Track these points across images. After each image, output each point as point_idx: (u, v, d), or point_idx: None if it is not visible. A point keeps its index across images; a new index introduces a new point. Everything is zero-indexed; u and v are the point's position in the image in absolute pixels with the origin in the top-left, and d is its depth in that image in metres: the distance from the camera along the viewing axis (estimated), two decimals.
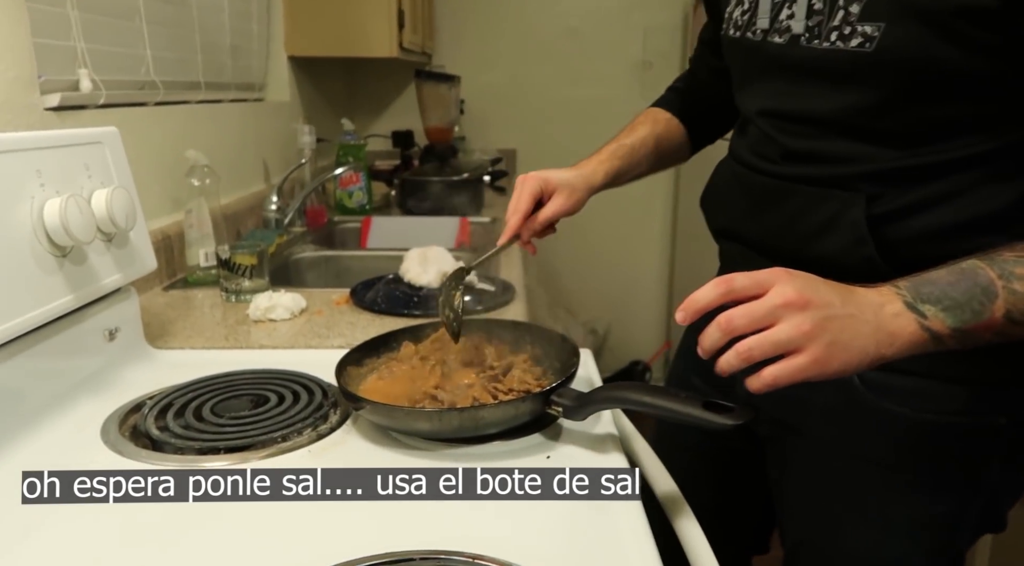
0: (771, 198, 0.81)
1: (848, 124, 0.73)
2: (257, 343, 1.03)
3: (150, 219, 1.34)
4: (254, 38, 2.00)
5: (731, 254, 0.91)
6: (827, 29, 0.71)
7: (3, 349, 0.71)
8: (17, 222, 0.72)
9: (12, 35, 0.98)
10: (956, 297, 0.62)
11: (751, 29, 0.81)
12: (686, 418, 0.63)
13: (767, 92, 0.81)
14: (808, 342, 0.58)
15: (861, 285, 0.63)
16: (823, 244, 0.75)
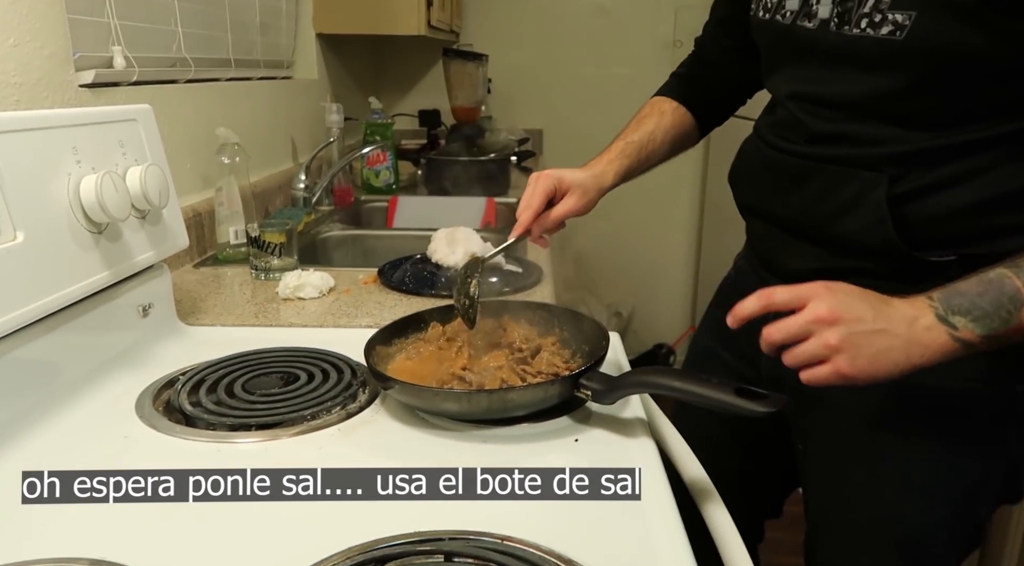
0: (796, 178, 0.83)
1: (875, 108, 0.75)
2: (286, 321, 1.04)
3: (181, 196, 1.35)
4: (283, 15, 2.00)
5: (757, 230, 0.93)
6: (857, 15, 0.73)
7: (41, 323, 0.72)
8: (55, 198, 0.73)
9: (48, 12, 0.99)
10: (985, 307, 0.66)
11: (780, 12, 0.81)
12: (718, 404, 0.63)
13: (797, 76, 0.83)
14: (834, 355, 0.65)
15: (899, 296, 0.68)
16: (845, 223, 0.78)
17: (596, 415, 0.76)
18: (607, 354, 0.79)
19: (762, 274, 0.93)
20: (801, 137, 0.82)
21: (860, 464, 0.85)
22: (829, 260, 0.82)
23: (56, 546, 0.55)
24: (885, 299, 0.68)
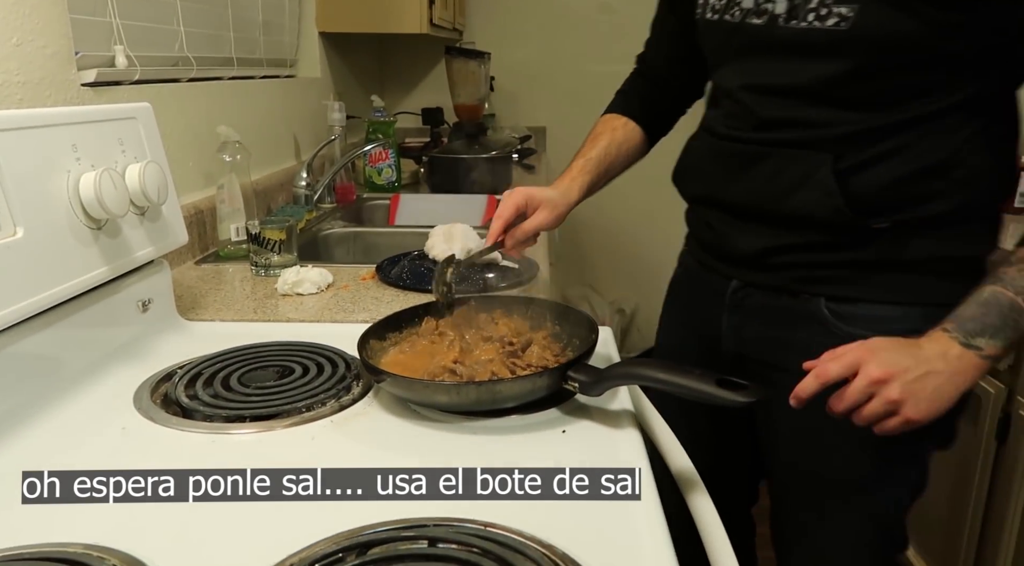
0: (746, 163, 0.90)
1: (820, 93, 0.83)
2: (284, 316, 1.05)
3: (183, 194, 1.37)
4: (286, 14, 2.02)
5: (706, 219, 1.00)
6: (805, 10, 0.81)
7: (41, 317, 0.74)
8: (54, 195, 0.75)
9: (50, 12, 1.00)
10: (995, 323, 0.76)
11: (730, 11, 0.89)
12: (700, 395, 0.64)
13: (746, 69, 0.89)
14: (900, 406, 0.75)
15: (921, 337, 0.78)
16: (797, 199, 0.86)
17: (584, 407, 0.77)
18: (597, 348, 0.80)
19: (709, 263, 1.01)
20: (750, 125, 0.89)
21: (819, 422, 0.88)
22: (781, 237, 0.90)
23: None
24: (914, 343, 0.77)
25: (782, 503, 1.04)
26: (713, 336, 1.00)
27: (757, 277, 0.94)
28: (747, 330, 0.97)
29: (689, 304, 1.09)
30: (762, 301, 0.95)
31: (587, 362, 0.77)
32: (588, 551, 0.53)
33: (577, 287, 3.14)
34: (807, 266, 0.89)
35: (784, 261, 0.90)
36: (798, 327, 0.89)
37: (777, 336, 0.93)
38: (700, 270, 1.04)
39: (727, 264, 0.98)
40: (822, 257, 0.87)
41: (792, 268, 0.90)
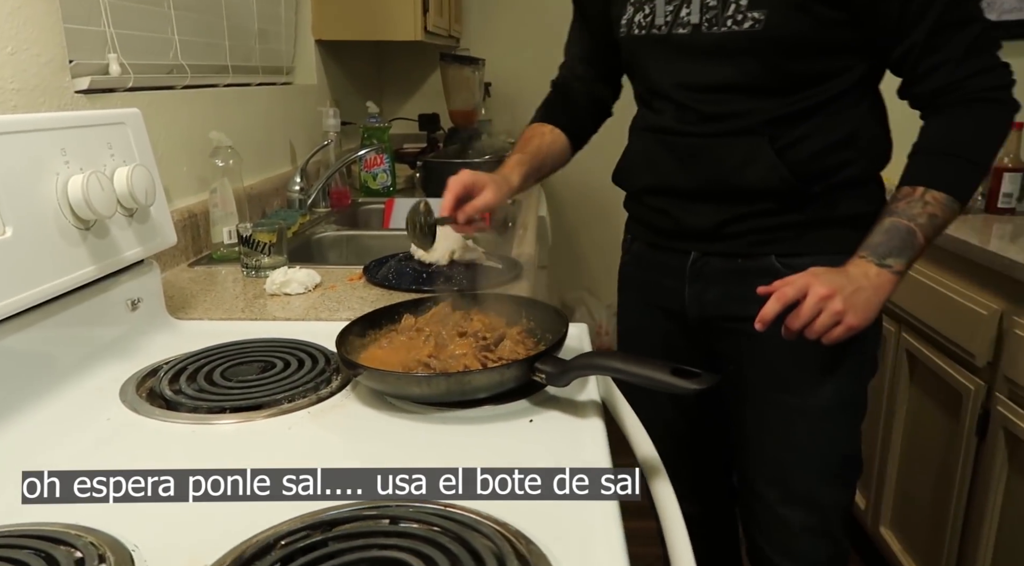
0: (696, 151, 1.04)
1: (745, 86, 0.99)
2: (271, 315, 1.08)
3: (177, 198, 1.41)
4: (282, 22, 2.06)
5: (658, 206, 1.12)
6: (723, 18, 0.96)
7: (31, 314, 0.77)
8: (43, 196, 0.78)
9: (44, 21, 1.04)
10: (898, 245, 0.94)
11: (655, 27, 1.03)
12: (656, 383, 0.67)
13: (678, 71, 1.03)
14: (843, 315, 0.91)
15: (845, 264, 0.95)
16: (747, 175, 1.01)
17: (553, 398, 0.79)
18: (567, 341, 0.83)
19: (664, 244, 1.13)
20: (695, 118, 1.03)
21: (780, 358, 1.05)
22: (734, 210, 1.04)
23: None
24: (843, 269, 0.94)
25: (750, 438, 1.14)
26: (676, 308, 1.14)
27: (714, 247, 1.08)
28: (709, 294, 1.10)
29: (646, 284, 1.20)
30: (720, 266, 1.09)
31: (556, 355, 0.80)
32: (542, 530, 0.56)
33: (574, 290, 3.17)
34: (759, 231, 1.05)
35: (738, 229, 1.05)
36: (754, 283, 1.00)
37: (737, 293, 1.07)
38: (654, 252, 1.17)
39: (685, 240, 1.10)
40: (770, 221, 1.04)
41: (746, 235, 1.05)
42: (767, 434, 1.12)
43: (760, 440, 1.13)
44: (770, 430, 1.11)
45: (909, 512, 1.75)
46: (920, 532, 1.69)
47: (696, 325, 1.13)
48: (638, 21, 1.05)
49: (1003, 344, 1.40)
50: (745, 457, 1.17)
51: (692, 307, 1.12)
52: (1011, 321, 1.38)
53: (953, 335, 1.53)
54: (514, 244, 1.54)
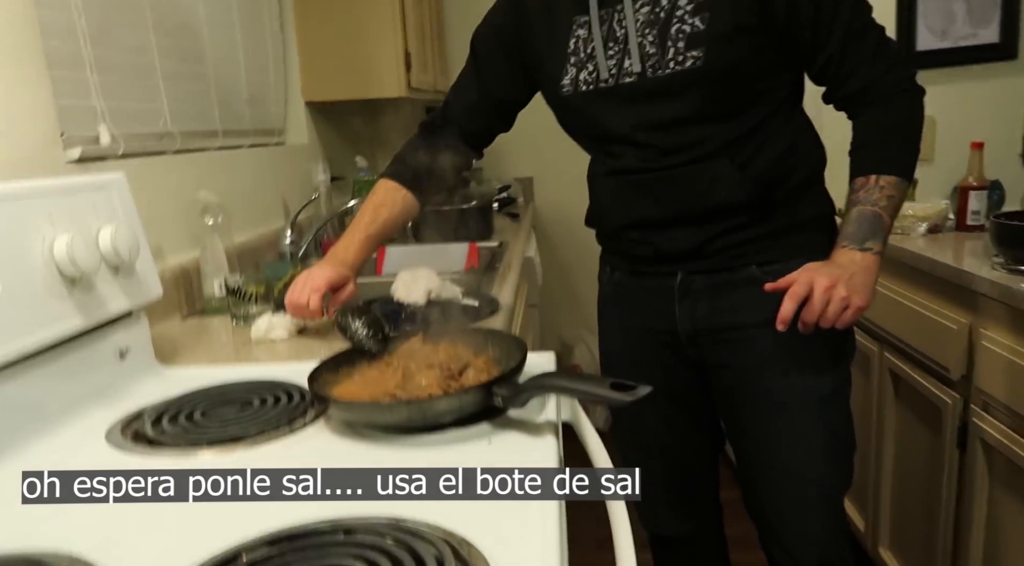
0: (664, 185, 1.12)
1: (695, 116, 1.08)
2: (255, 359, 1.14)
3: (169, 255, 1.48)
4: (271, 87, 2.16)
5: (636, 239, 1.18)
6: (665, 61, 1.06)
7: (22, 364, 0.83)
8: (31, 256, 0.85)
9: (36, 99, 1.13)
10: (870, 230, 1.05)
11: (602, 81, 1.11)
12: (597, 397, 0.72)
13: (631, 115, 1.11)
14: (850, 300, 1.00)
15: (832, 256, 1.05)
16: (716, 196, 1.10)
17: (513, 421, 0.84)
18: (524, 366, 0.88)
19: (648, 270, 1.20)
20: (655, 154, 1.11)
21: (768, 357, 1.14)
22: (710, 229, 1.12)
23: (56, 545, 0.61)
24: (831, 260, 1.04)
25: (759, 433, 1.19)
26: (668, 327, 1.20)
27: (698, 265, 1.15)
28: (699, 309, 1.17)
29: (633, 309, 1.25)
30: (705, 283, 1.16)
31: (514, 379, 0.85)
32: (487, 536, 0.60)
33: (572, 329, 3.21)
34: (736, 245, 1.13)
35: (717, 246, 1.13)
36: (740, 292, 1.13)
37: (725, 305, 1.15)
38: (637, 278, 1.23)
39: (669, 263, 1.17)
40: (745, 234, 1.12)
41: (725, 250, 1.13)
42: (771, 431, 1.17)
43: (764, 437, 1.18)
44: (774, 426, 1.17)
45: (905, 530, 1.76)
46: (916, 550, 1.69)
47: (687, 340, 1.20)
48: (583, 78, 1.13)
49: (974, 357, 1.43)
50: (751, 458, 1.22)
51: (684, 323, 1.18)
52: (979, 333, 1.42)
53: (929, 351, 1.57)
54: (495, 283, 1.59)
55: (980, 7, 2.03)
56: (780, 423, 1.16)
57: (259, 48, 2.07)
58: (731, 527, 1.41)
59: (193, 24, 1.69)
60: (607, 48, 1.10)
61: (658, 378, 1.20)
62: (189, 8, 1.68)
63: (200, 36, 1.72)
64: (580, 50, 1.13)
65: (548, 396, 0.86)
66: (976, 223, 1.82)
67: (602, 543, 0.80)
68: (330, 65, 2.32)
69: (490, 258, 1.99)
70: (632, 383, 0.70)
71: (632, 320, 1.26)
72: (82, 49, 1.27)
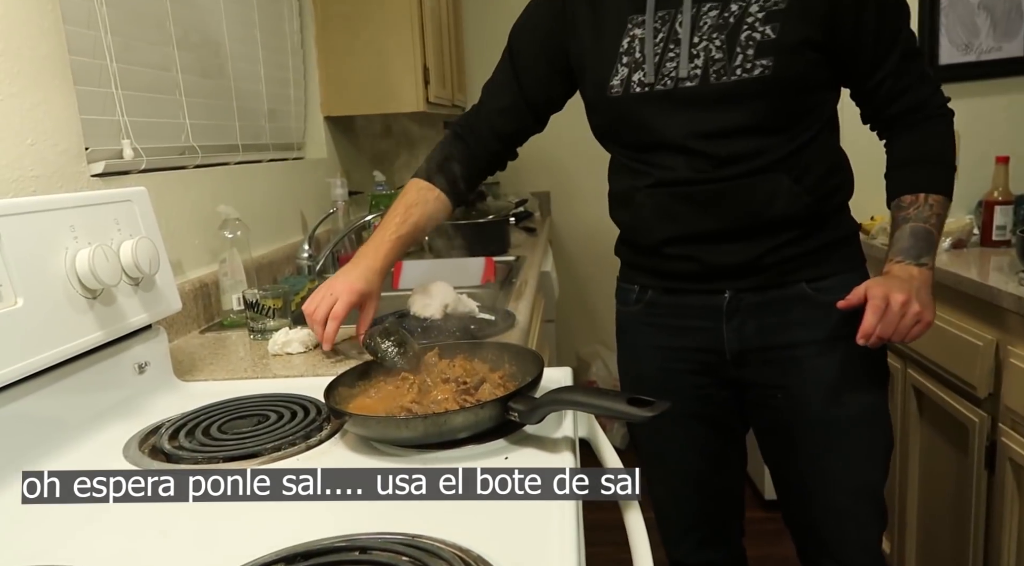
0: (720, 196, 1.09)
1: (755, 126, 1.06)
2: (272, 373, 1.14)
3: (189, 269, 1.49)
4: (291, 102, 2.18)
5: (684, 254, 1.14)
6: (731, 68, 1.04)
7: (42, 377, 0.84)
8: (53, 269, 0.86)
9: (62, 114, 1.14)
10: (924, 246, 1.07)
11: (660, 82, 1.08)
12: (614, 412, 0.70)
13: (687, 121, 1.07)
14: (922, 315, 1.01)
15: (889, 271, 1.06)
16: (774, 209, 1.08)
17: (530, 437, 0.83)
18: (540, 381, 0.87)
19: (692, 288, 1.16)
20: (708, 165, 1.07)
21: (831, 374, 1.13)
22: (763, 244, 1.10)
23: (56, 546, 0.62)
24: (892, 275, 1.05)
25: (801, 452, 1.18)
26: (712, 346, 1.17)
27: (748, 282, 1.13)
28: (747, 327, 1.14)
29: (669, 329, 1.21)
30: (755, 300, 1.13)
31: (530, 395, 0.84)
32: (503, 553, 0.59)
33: (588, 345, 3.20)
34: (788, 260, 1.11)
35: (769, 262, 1.11)
36: (790, 309, 1.12)
37: (775, 322, 1.13)
38: (676, 297, 1.19)
39: (716, 280, 1.14)
40: (796, 249, 1.11)
41: (777, 266, 1.11)
42: (828, 447, 1.15)
43: (820, 454, 1.16)
44: (832, 442, 1.15)
45: (932, 554, 1.72)
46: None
47: (732, 359, 1.16)
48: (637, 80, 1.09)
49: (1002, 374, 1.40)
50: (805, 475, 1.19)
51: (731, 343, 1.15)
52: (1007, 351, 1.39)
53: (954, 368, 1.54)
54: (511, 298, 1.59)
55: (1004, 20, 2.01)
56: (838, 439, 1.14)
57: (280, 63, 2.09)
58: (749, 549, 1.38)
59: (216, 40, 1.71)
60: (667, 50, 1.07)
61: (693, 401, 1.21)
62: (212, 25, 1.70)
63: (222, 52, 1.74)
64: (635, 50, 1.09)
65: (565, 412, 0.85)
66: (1002, 238, 1.79)
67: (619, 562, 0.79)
68: (349, 80, 2.34)
69: (507, 273, 1.98)
70: (650, 399, 0.69)
71: (668, 340, 1.21)
72: (107, 65, 1.28)
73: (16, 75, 1.04)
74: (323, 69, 2.34)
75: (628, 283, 1.27)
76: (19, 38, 1.05)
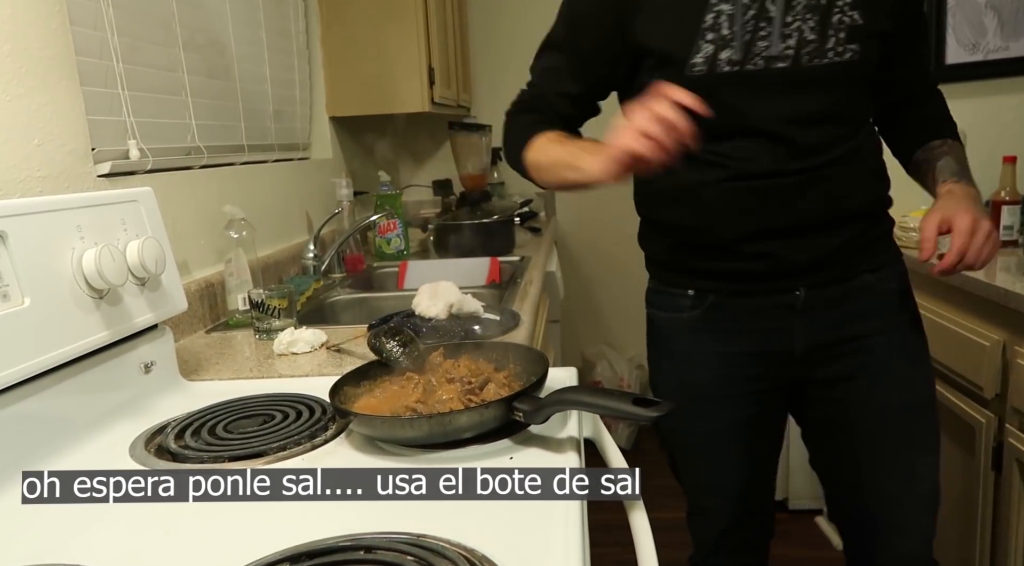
0: (798, 189, 1.06)
1: (836, 115, 1.06)
2: (278, 373, 1.14)
3: (195, 269, 1.49)
4: (297, 103, 2.19)
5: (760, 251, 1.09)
6: (824, 50, 1.03)
7: (49, 377, 0.84)
8: (59, 269, 0.86)
9: (69, 115, 1.15)
10: (966, 169, 1.11)
11: (751, 62, 1.03)
12: (619, 413, 0.70)
13: (777, 104, 1.04)
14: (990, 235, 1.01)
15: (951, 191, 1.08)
16: (854, 202, 1.08)
17: (535, 436, 0.83)
18: (545, 382, 0.87)
19: (761, 287, 1.12)
20: (789, 155, 1.05)
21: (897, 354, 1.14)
22: (837, 238, 1.08)
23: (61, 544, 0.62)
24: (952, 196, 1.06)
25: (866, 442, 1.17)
26: (780, 347, 1.14)
27: (819, 277, 1.11)
28: (818, 323, 1.13)
29: (734, 334, 1.15)
30: (824, 295, 1.12)
31: (535, 395, 0.84)
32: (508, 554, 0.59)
33: (593, 345, 3.19)
34: (855, 251, 1.11)
35: (840, 256, 1.10)
36: (857, 301, 1.12)
37: (842, 316, 1.12)
38: (742, 299, 1.13)
39: (786, 280, 1.11)
40: (864, 240, 1.11)
41: (845, 259, 1.11)
42: (898, 434, 1.15)
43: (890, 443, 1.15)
44: (903, 429, 1.14)
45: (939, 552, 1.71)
46: None
47: (801, 357, 1.14)
48: (726, 58, 1.03)
49: (1009, 375, 1.40)
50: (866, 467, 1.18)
51: (800, 340, 1.13)
52: (1014, 351, 1.38)
53: (961, 369, 1.53)
54: (516, 298, 1.59)
55: (1012, 20, 2.00)
56: (909, 425, 1.15)
57: (285, 64, 2.09)
58: None
59: (222, 41, 1.72)
60: (757, 28, 1.02)
61: (750, 407, 1.19)
62: (218, 26, 1.70)
63: (228, 53, 1.74)
64: (721, 27, 1.02)
65: (570, 412, 0.85)
66: (1009, 238, 1.79)
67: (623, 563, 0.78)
68: (355, 80, 2.34)
69: (511, 273, 1.98)
70: (656, 399, 0.69)
71: (728, 346, 1.15)
72: (114, 66, 1.29)
73: (23, 76, 1.05)
74: (328, 70, 2.34)
75: (677, 288, 1.18)
76: (26, 39, 1.06)
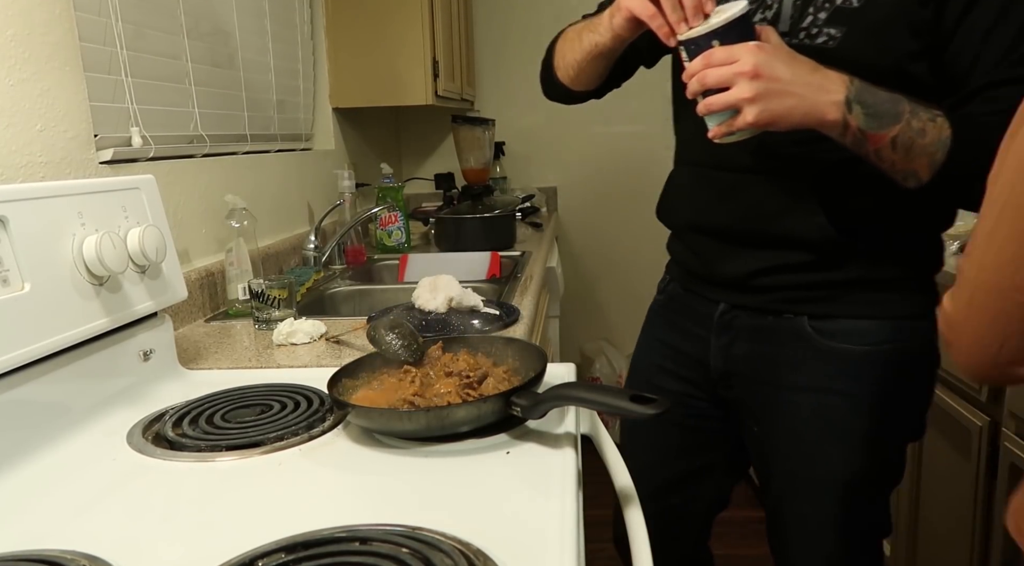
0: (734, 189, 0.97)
1: None
2: (276, 363, 1.14)
3: (195, 258, 1.49)
4: (300, 93, 2.18)
5: (693, 245, 1.06)
6: (796, 29, 0.90)
7: (48, 363, 0.84)
8: (60, 255, 0.86)
9: (72, 100, 1.14)
10: (879, 109, 0.80)
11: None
12: (617, 409, 0.70)
13: None
14: (747, 105, 0.77)
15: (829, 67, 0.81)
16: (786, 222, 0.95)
17: (532, 431, 0.83)
18: (544, 377, 0.87)
19: (695, 288, 1.08)
20: (747, 150, 0.91)
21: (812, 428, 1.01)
22: (767, 259, 0.97)
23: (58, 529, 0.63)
24: (813, 67, 0.80)
25: (781, 504, 1.09)
26: (700, 357, 1.09)
27: (743, 299, 1.02)
28: (735, 348, 1.05)
29: (673, 326, 1.15)
30: (749, 322, 1.03)
31: (533, 390, 0.84)
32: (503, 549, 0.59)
33: (592, 341, 3.20)
34: (791, 287, 0.97)
35: (769, 283, 0.99)
36: (784, 344, 0.98)
37: (764, 353, 1.02)
38: (684, 295, 1.12)
39: (713, 288, 1.05)
40: (805, 278, 0.96)
41: (777, 290, 0.99)
42: (790, 507, 1.07)
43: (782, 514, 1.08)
44: (796, 503, 1.06)
45: (932, 556, 1.71)
46: None
47: (719, 378, 1.08)
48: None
49: None
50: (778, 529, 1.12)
51: (717, 359, 1.07)
52: None
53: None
54: (516, 293, 1.59)
55: None
56: (804, 505, 1.05)
57: (290, 54, 2.09)
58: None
59: (226, 30, 1.71)
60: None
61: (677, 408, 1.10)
62: (223, 15, 1.70)
63: (232, 42, 1.74)
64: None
65: (567, 408, 0.85)
66: None
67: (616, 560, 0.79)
68: (358, 72, 2.34)
69: (512, 267, 1.98)
70: (653, 396, 0.69)
71: (670, 336, 1.15)
72: (118, 53, 1.29)
73: (26, 61, 1.05)
74: (332, 61, 2.33)
75: (665, 272, 1.21)
76: (30, 24, 1.05)
